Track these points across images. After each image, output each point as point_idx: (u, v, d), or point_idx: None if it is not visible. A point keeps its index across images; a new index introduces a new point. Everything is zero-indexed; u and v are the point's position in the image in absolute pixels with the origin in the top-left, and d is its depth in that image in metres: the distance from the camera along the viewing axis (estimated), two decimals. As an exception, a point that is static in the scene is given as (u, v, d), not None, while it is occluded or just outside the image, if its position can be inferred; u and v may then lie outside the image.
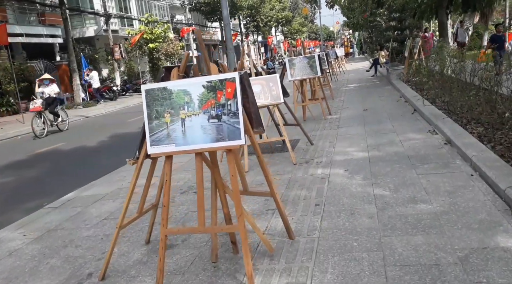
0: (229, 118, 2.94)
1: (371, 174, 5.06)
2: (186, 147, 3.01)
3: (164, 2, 40.99)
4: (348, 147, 6.59)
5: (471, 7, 14.41)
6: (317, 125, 8.86)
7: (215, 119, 2.97)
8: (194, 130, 3.00)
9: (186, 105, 3.03)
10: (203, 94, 2.99)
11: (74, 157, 9.90)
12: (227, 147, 2.93)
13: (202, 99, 2.99)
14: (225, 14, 11.05)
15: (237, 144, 2.91)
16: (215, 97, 2.97)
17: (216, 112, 2.97)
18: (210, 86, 2.98)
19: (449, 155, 5.41)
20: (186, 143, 3.01)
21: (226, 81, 2.94)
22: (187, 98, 3.02)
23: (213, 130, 2.97)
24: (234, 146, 2.92)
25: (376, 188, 4.54)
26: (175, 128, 3.04)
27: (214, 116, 2.97)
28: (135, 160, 3.38)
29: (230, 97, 2.94)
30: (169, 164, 3.08)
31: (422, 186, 4.41)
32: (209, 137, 2.97)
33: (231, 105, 2.94)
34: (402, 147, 6.14)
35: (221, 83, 2.95)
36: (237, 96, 2.92)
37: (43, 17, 26.29)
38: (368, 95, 12.85)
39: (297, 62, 9.08)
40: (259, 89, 6.28)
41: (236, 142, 2.92)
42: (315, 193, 4.68)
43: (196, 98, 3.01)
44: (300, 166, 5.90)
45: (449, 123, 6.68)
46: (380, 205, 4.03)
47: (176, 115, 3.04)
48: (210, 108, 2.99)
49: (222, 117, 2.96)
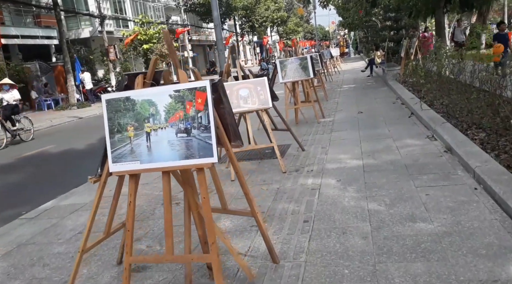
0: (199, 132, 2.56)
1: (365, 186, 4.69)
2: (152, 164, 2.63)
3: (159, 3, 40.57)
4: (341, 154, 6.21)
5: (469, 6, 14.07)
6: (309, 129, 8.48)
7: (183, 134, 2.59)
8: (160, 146, 2.62)
9: (151, 118, 2.64)
10: (170, 105, 2.61)
11: (62, 160, 9.51)
12: (197, 165, 2.55)
13: (169, 110, 2.61)
14: (215, 14, 10.68)
15: (208, 162, 2.53)
16: (184, 109, 2.59)
17: (185, 126, 2.59)
18: (177, 96, 2.59)
19: (450, 164, 5.03)
20: (152, 160, 2.63)
21: (196, 90, 2.56)
22: (153, 110, 2.64)
23: (181, 146, 2.58)
24: (206, 164, 2.53)
25: (370, 202, 4.16)
26: (140, 143, 2.65)
27: (182, 130, 2.59)
28: (97, 177, 2.99)
29: (200, 108, 2.56)
30: (134, 183, 2.69)
31: (421, 200, 4.03)
32: (177, 154, 2.59)
33: (201, 118, 2.56)
34: (399, 154, 5.77)
35: (191, 93, 2.57)
36: (208, 108, 2.54)
37: (39, 18, 26.21)
38: (363, 97, 12.48)
39: (289, 63, 8.70)
40: (247, 93, 5.90)
41: (207, 160, 2.54)
42: (304, 206, 4.30)
43: (162, 110, 2.62)
44: (290, 174, 5.53)
45: (449, 128, 6.31)
46: (375, 223, 3.65)
47: (141, 129, 2.66)
48: (178, 121, 2.60)
49: (191, 132, 2.58)
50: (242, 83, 5.96)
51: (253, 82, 5.98)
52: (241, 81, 6.02)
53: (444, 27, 14.40)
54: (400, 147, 6.12)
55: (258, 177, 5.60)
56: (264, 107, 5.93)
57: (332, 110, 10.61)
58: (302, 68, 8.67)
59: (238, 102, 5.88)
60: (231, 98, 5.85)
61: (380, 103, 10.71)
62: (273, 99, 6.24)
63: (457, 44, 14.23)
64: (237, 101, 5.87)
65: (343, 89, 15.37)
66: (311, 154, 6.48)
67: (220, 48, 11.18)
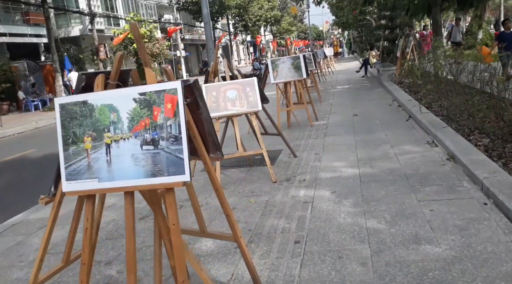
0: (169, 144, 2.13)
1: (362, 199, 4.27)
2: (113, 183, 2.19)
3: (152, 1, 40.00)
4: (336, 161, 5.80)
5: (467, 4, 13.70)
6: (302, 133, 8.06)
7: (150, 146, 2.15)
8: (122, 161, 2.18)
9: (112, 126, 2.21)
10: (134, 111, 2.17)
11: (41, 166, 8.97)
12: (166, 184, 2.11)
13: (133, 118, 2.18)
14: (205, 12, 10.24)
15: (179, 181, 2.10)
16: (151, 116, 2.15)
17: (151, 136, 2.15)
18: (143, 101, 2.16)
19: (454, 174, 4.63)
20: (112, 177, 2.19)
21: (165, 93, 2.12)
22: (114, 117, 2.20)
23: (147, 161, 2.15)
24: (175, 183, 2.10)
25: (369, 219, 3.74)
26: (98, 157, 2.21)
27: (148, 142, 2.16)
28: (50, 197, 2.54)
29: (170, 115, 2.12)
30: (91, 205, 2.25)
31: (425, 217, 3.62)
32: (142, 171, 2.15)
33: (171, 127, 2.13)
34: (398, 162, 5.36)
35: (159, 97, 2.13)
36: (179, 114, 2.10)
37: (28, 16, 25.57)
38: (358, 98, 12.08)
39: (281, 63, 8.27)
40: (234, 95, 5.47)
41: (178, 178, 2.10)
42: (296, 223, 3.87)
43: (125, 117, 2.19)
44: (280, 184, 5.10)
45: (451, 133, 5.92)
46: (374, 245, 3.23)
47: (100, 140, 2.22)
48: (143, 130, 2.17)
49: (159, 143, 2.14)
50: (229, 84, 5.53)
51: (242, 83, 5.55)
52: (228, 82, 5.59)
53: (441, 26, 14.02)
54: (399, 154, 5.72)
55: (246, 187, 5.17)
56: (253, 110, 5.50)
57: (326, 112, 10.20)
58: (295, 68, 8.25)
59: (225, 104, 5.45)
60: (217, 101, 5.42)
61: (376, 105, 10.31)
62: (263, 102, 5.82)
63: (455, 44, 13.84)
64: (224, 104, 5.44)
65: (337, 90, 14.98)
66: (303, 160, 6.06)
67: (210, 47, 10.74)
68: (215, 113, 5.41)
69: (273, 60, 8.38)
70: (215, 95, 5.45)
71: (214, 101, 5.44)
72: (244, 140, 7.13)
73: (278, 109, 8.43)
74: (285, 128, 8.58)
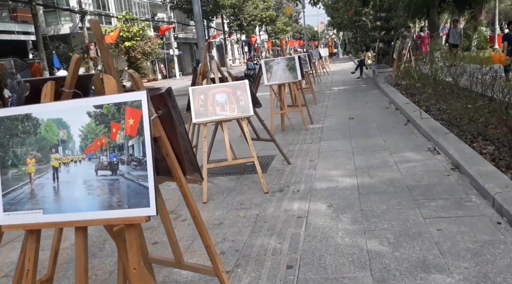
0: (130, 169, 1.73)
1: (361, 214, 3.88)
2: (61, 215, 1.78)
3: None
4: (332, 169, 5.41)
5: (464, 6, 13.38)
6: (296, 137, 7.67)
7: (107, 171, 1.75)
8: (73, 188, 1.78)
9: (61, 146, 1.80)
10: (88, 127, 1.77)
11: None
12: (125, 219, 1.71)
13: (87, 136, 1.77)
14: (196, 10, 9.82)
15: (142, 215, 1.70)
16: (108, 134, 1.75)
17: (108, 159, 1.75)
18: (99, 115, 1.75)
19: (460, 186, 4.25)
20: (60, 209, 1.78)
21: (127, 106, 1.72)
22: (63, 134, 1.80)
23: (103, 190, 1.75)
24: (137, 218, 1.70)
25: (370, 239, 3.36)
26: (44, 183, 1.81)
27: (105, 166, 1.76)
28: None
29: (132, 133, 1.72)
30: (34, 242, 1.84)
31: (433, 238, 3.24)
32: (96, 202, 1.75)
33: (134, 148, 1.72)
34: (399, 171, 4.98)
35: (118, 110, 1.73)
36: (143, 133, 1.70)
37: (15, 13, 24.94)
38: (354, 101, 11.70)
39: (275, 64, 7.87)
40: (224, 98, 5.07)
41: (141, 211, 1.70)
42: (288, 243, 3.48)
43: (77, 135, 1.78)
44: (273, 195, 4.71)
45: (453, 140, 5.55)
46: (377, 273, 2.84)
47: (45, 162, 1.81)
48: (99, 151, 1.76)
49: (118, 168, 1.74)
50: (218, 87, 5.13)
51: (232, 86, 5.15)
52: (217, 85, 5.19)
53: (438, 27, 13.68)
54: (399, 162, 5.34)
55: (235, 198, 4.77)
56: (244, 116, 5.10)
57: (321, 115, 9.81)
58: (289, 70, 7.86)
59: (214, 109, 5.04)
60: (205, 105, 5.02)
61: (372, 108, 9.93)
62: (255, 106, 5.43)
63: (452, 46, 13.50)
64: (212, 108, 5.04)
65: (332, 92, 14.60)
66: (297, 168, 5.67)
67: (202, 47, 10.33)
68: (203, 118, 5.02)
69: (266, 61, 7.98)
70: (203, 99, 5.05)
71: (202, 105, 5.04)
72: (236, 144, 6.76)
73: (272, 112, 8.05)
74: (279, 132, 8.20)
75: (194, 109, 4.96)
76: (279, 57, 8.62)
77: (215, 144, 6.39)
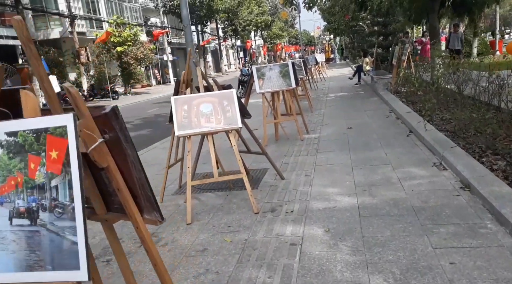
0: (54, 218, 1.26)
1: (363, 242, 3.42)
2: (-37, 279, 1.31)
3: (137, 4, 39.03)
4: (330, 186, 4.96)
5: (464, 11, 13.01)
6: (291, 148, 7.21)
7: (24, 220, 1.29)
8: (-21, 243, 1.31)
9: (-36, 185, 1.33)
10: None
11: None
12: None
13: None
14: (184, 14, 9.38)
15: (69, 280, 1.23)
16: (25, 170, 1.28)
17: (26, 204, 1.28)
18: (13, 145, 1.29)
19: (472, 209, 3.80)
20: (-37, 271, 1.31)
21: (48, 134, 1.25)
22: (-32, 169, 1.33)
23: (20, 245, 1.28)
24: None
25: (373, 274, 2.89)
26: None
27: (22, 213, 1.29)
28: None
29: (55, 170, 1.25)
30: None
31: (446, 275, 2.78)
32: (11, 260, 1.28)
33: (58, 190, 1.26)
34: (403, 189, 4.53)
35: (37, 139, 1.26)
36: (70, 170, 1.23)
37: (3, 17, 24.39)
38: (352, 109, 11.26)
39: (267, 71, 7.43)
40: (209, 109, 4.61)
41: (67, 275, 1.23)
42: (280, 277, 3.02)
43: (-14, 169, 1.31)
44: (263, 216, 4.24)
45: (461, 155, 5.10)
46: (384, 323, 2.38)
47: None
48: (14, 193, 1.30)
49: (39, 216, 1.27)
50: (203, 97, 4.67)
51: (218, 95, 4.69)
52: (202, 94, 4.73)
53: (438, 33, 13.29)
54: (403, 179, 4.89)
55: (222, 219, 4.30)
56: (231, 128, 4.64)
57: (318, 123, 9.37)
58: (283, 77, 7.42)
59: (199, 120, 4.58)
60: (189, 116, 4.56)
61: (372, 117, 9.49)
62: (244, 117, 4.98)
63: (453, 52, 13.11)
64: (197, 120, 4.58)
65: (329, 99, 14.17)
66: (291, 184, 5.21)
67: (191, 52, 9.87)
68: (187, 131, 4.56)
69: (258, 68, 7.53)
70: (187, 110, 4.58)
71: (185, 117, 4.58)
72: (226, 156, 6.31)
73: (265, 122, 7.62)
74: (273, 142, 7.75)
75: (177, 121, 4.50)
76: (271, 63, 8.18)
77: (204, 156, 5.95)
